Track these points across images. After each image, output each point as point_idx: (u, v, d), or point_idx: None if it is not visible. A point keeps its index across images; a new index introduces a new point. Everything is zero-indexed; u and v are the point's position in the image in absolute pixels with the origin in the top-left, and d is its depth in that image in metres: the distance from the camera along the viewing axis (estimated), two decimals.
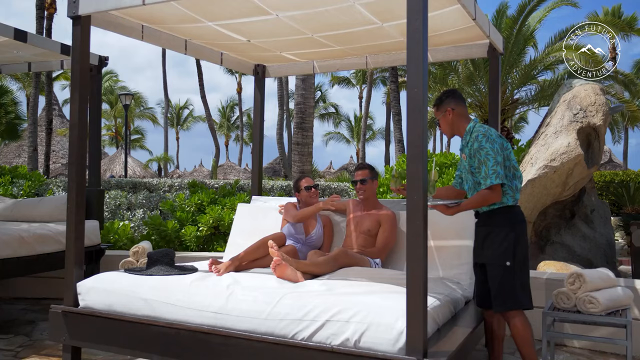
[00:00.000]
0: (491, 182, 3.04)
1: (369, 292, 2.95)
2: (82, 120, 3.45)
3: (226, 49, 4.75)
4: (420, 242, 2.50)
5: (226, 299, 2.95)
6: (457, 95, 3.41)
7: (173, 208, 7.19)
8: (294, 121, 7.48)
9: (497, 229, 3.11)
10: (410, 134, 2.55)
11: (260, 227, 4.70)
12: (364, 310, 2.65)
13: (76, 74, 3.42)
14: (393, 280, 3.33)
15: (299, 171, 7.35)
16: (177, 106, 47.36)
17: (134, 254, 4.95)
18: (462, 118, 3.34)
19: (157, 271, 3.46)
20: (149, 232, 6.88)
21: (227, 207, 6.88)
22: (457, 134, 3.39)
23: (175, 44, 4.37)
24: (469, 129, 3.28)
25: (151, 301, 3.13)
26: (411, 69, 2.56)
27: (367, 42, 4.34)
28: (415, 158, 2.53)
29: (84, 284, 3.36)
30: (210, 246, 6.77)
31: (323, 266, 3.56)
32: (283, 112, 22.03)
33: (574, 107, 6.00)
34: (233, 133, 49.40)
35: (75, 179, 3.39)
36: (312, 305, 2.75)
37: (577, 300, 3.52)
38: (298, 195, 4.44)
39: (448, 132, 3.42)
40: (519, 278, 3.08)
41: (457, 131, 3.37)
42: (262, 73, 5.31)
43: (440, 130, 3.51)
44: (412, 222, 2.52)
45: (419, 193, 2.51)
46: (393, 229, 4.07)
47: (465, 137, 3.30)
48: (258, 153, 5.33)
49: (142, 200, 7.77)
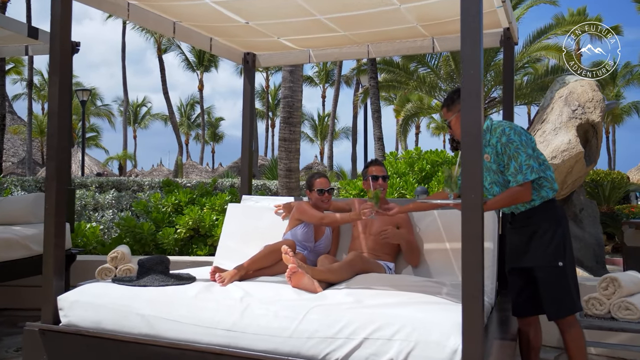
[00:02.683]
0: (525, 179, 2.75)
1: (404, 303, 2.59)
2: (64, 108, 2.97)
3: (217, 33, 4.32)
4: (479, 247, 2.17)
5: (241, 314, 2.54)
6: None
7: (147, 209, 6.68)
8: (280, 115, 7.06)
9: (543, 227, 2.82)
10: (465, 121, 2.21)
11: (255, 229, 4.31)
12: (408, 326, 2.30)
13: (56, 53, 2.94)
14: (418, 288, 3.00)
15: (286, 169, 6.95)
16: (134, 104, 45.96)
17: (112, 260, 4.47)
18: None
19: (152, 281, 3.01)
20: (121, 234, 6.36)
21: (207, 208, 6.42)
22: None
23: (163, 26, 3.92)
24: (486, 127, 2.99)
25: (149, 317, 2.69)
26: (466, 51, 2.22)
27: (376, 28, 4.00)
28: (471, 148, 2.19)
29: (66, 298, 2.89)
30: (189, 249, 6.30)
31: (339, 273, 3.19)
32: None
33: (572, 103, 5.82)
34: (193, 132, 48.36)
35: (55, 176, 2.91)
36: (346, 320, 2.38)
37: (612, 306, 3.27)
38: (309, 193, 4.02)
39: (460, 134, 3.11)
40: (572, 279, 2.80)
41: None
42: (252, 62, 4.89)
43: (450, 133, 3.21)
44: (468, 224, 2.18)
45: (477, 190, 2.17)
46: (412, 230, 3.76)
47: (485, 137, 2.99)
48: (248, 148, 4.91)
49: (112, 201, 7.20)
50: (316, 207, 3.86)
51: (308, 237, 3.84)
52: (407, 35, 4.25)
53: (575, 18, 15.06)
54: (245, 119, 4.94)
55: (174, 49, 33.25)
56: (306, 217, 3.75)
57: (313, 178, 4.00)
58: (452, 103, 3.07)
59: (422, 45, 4.40)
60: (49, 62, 2.98)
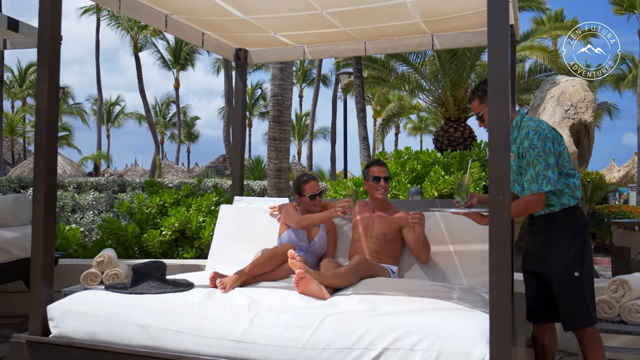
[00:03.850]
0: (538, 189, 2.64)
1: (421, 310, 2.47)
2: (53, 103, 2.78)
3: (210, 27, 4.15)
4: (507, 251, 2.06)
5: (249, 324, 2.39)
6: None
7: (130, 210, 6.44)
8: (270, 114, 6.89)
9: (561, 235, 2.72)
10: (492, 119, 2.10)
11: (250, 231, 4.15)
12: (430, 335, 2.18)
13: (45, 45, 2.74)
14: (429, 292, 2.88)
15: (276, 169, 6.78)
16: (107, 102, 45.11)
17: (98, 265, 4.26)
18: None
19: (149, 288, 2.83)
20: (103, 236, 6.12)
21: (194, 209, 6.22)
22: None
23: (154, 18, 3.73)
24: (515, 123, 2.88)
25: (149, 327, 2.51)
26: (493, 45, 2.11)
27: (377, 24, 3.88)
28: (499, 147, 2.08)
29: (57, 307, 2.69)
30: (175, 252, 6.09)
31: (345, 278, 3.05)
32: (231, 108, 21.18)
33: (564, 103, 5.79)
34: (168, 131, 47.71)
35: (45, 176, 2.72)
36: (364, 329, 2.25)
37: (622, 309, 3.21)
38: (299, 198, 3.88)
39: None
40: (589, 290, 2.70)
41: None
42: (245, 58, 4.72)
43: (481, 126, 3.08)
44: (496, 228, 2.07)
45: (505, 192, 2.06)
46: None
47: (512, 133, 2.89)
48: (240, 147, 4.74)
49: (92, 202, 6.94)
50: (307, 211, 3.72)
51: (302, 237, 3.72)
52: (407, 32, 4.15)
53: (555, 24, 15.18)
54: (236, 117, 4.78)
55: (150, 47, 32.72)
56: (288, 220, 3.68)
57: (302, 182, 3.85)
58: (485, 95, 2.92)
59: (420, 42, 4.29)
60: (38, 54, 2.78)
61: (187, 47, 34.07)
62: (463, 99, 10.66)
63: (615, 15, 21.84)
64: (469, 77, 10.74)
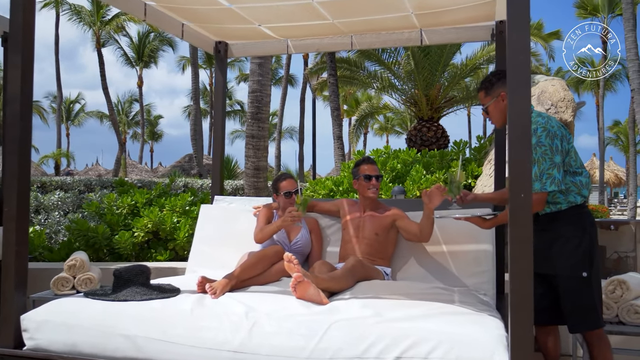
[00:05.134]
0: (542, 188, 2.56)
1: (430, 315, 2.34)
2: (27, 93, 2.54)
3: (191, 17, 3.93)
4: (529, 253, 1.95)
5: (248, 333, 2.21)
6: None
7: (99, 210, 6.14)
8: (248, 111, 6.65)
9: (568, 234, 2.63)
10: (513, 113, 1.98)
11: (233, 232, 3.97)
12: (445, 342, 2.05)
13: (18, 28, 2.51)
14: (431, 296, 2.76)
15: (254, 168, 6.56)
16: (67, 100, 43.78)
17: (69, 269, 3.99)
18: None
19: (132, 295, 2.62)
20: (70, 238, 5.80)
21: (167, 209, 5.97)
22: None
23: (133, 6, 3.51)
24: None
25: (136, 337, 2.31)
26: (513, 36, 1.99)
27: (367, 16, 3.75)
28: (519, 142, 1.96)
29: (32, 317, 2.45)
30: (148, 255, 5.83)
31: (343, 281, 2.90)
32: (198, 106, 20.72)
33: (545, 102, 5.79)
34: (131, 130, 46.64)
35: (18, 174, 2.48)
36: (374, 337, 2.10)
37: (620, 309, 3.15)
38: (276, 197, 3.76)
39: (499, 120, 2.91)
40: (597, 291, 2.62)
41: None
42: (225, 52, 4.52)
43: (488, 118, 2.98)
44: (517, 228, 1.95)
45: (526, 189, 1.95)
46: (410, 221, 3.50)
47: None
48: (220, 144, 4.53)
49: (57, 202, 6.60)
50: (285, 210, 3.59)
51: (282, 237, 3.62)
52: (397, 26, 4.03)
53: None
54: (217, 114, 4.56)
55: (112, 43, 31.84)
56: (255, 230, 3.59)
57: (278, 181, 3.78)
58: (492, 87, 2.84)
59: (409, 37, 4.18)
60: (9, 39, 2.54)
61: (151, 44, 33.30)
62: (436, 98, 10.65)
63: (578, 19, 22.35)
64: (442, 77, 10.74)
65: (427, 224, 3.25)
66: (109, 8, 26.70)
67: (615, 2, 21.72)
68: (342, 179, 6.35)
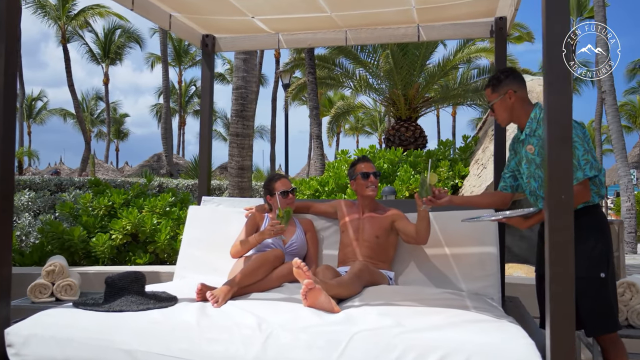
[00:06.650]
0: (584, 175, 2.48)
1: (453, 324, 2.20)
2: (10, 85, 2.31)
3: (180, 8, 3.72)
4: (570, 258, 1.83)
5: (262, 346, 2.04)
6: (518, 75, 2.83)
7: (74, 211, 5.84)
8: (232, 108, 6.41)
9: (585, 233, 2.54)
10: (551, 109, 1.86)
11: (224, 235, 3.75)
12: (478, 354, 1.91)
13: (1, 13, 2.27)
14: (444, 302, 2.64)
15: (238, 167, 6.32)
16: (29, 97, 42.45)
17: (47, 275, 3.74)
18: (524, 102, 2.79)
19: (128, 304, 2.41)
20: (42, 241, 5.50)
21: (147, 210, 5.71)
22: (517, 121, 2.81)
23: None
24: (534, 115, 2.71)
25: (137, 352, 2.11)
26: (551, 28, 1.87)
27: (366, 9, 3.62)
28: (559, 141, 1.84)
29: (18, 331, 2.23)
30: (126, 258, 5.57)
31: (351, 287, 2.75)
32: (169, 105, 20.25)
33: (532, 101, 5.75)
34: (95, 128, 45.52)
35: (1, 174, 2.25)
36: (400, 349, 1.95)
37: (630, 312, 3.09)
38: (270, 199, 3.56)
39: (505, 119, 2.82)
40: (613, 292, 2.54)
41: (516, 118, 2.80)
42: (212, 46, 4.31)
43: (493, 116, 2.90)
44: (556, 232, 1.84)
45: (567, 190, 1.83)
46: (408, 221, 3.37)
47: (531, 125, 2.72)
48: (207, 144, 4.32)
49: (28, 202, 6.26)
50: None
51: (276, 239, 3.42)
52: (395, 21, 3.90)
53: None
54: (204, 112, 4.35)
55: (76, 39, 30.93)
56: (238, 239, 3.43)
57: (272, 181, 3.61)
58: (499, 84, 2.76)
59: (405, 33, 4.06)
60: None
61: (118, 41, 32.50)
62: (414, 98, 10.59)
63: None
64: (420, 76, 10.70)
65: (422, 226, 3.12)
66: (75, 2, 25.90)
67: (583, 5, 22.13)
68: (328, 179, 6.20)
